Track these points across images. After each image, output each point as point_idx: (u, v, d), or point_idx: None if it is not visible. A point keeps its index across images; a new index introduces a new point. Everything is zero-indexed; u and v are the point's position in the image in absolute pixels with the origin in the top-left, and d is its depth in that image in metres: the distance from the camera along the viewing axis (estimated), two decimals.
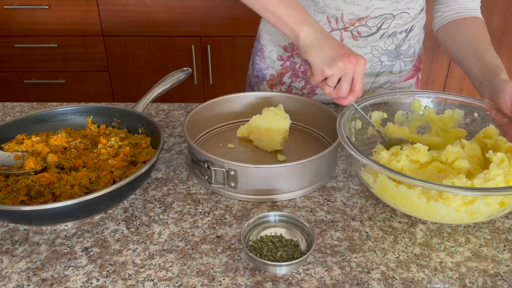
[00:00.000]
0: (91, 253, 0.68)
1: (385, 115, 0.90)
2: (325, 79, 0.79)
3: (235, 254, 0.68)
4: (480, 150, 0.81)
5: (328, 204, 0.79)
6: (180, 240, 0.71)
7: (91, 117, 0.92)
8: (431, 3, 1.06)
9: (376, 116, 0.89)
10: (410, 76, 1.15)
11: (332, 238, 0.71)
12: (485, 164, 0.78)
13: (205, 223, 0.74)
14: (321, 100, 1.14)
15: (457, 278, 0.65)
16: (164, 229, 0.73)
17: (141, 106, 0.93)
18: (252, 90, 1.22)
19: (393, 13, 0.99)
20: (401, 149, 0.79)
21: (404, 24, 1.03)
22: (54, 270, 0.65)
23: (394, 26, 1.02)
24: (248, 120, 0.95)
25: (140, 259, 0.67)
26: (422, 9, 1.07)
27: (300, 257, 0.65)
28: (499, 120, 0.83)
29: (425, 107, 0.90)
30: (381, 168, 0.67)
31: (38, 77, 2.30)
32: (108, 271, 0.65)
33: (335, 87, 0.79)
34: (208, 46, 2.22)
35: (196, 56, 2.25)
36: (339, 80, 0.78)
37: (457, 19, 1.01)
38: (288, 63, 1.12)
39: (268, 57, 1.14)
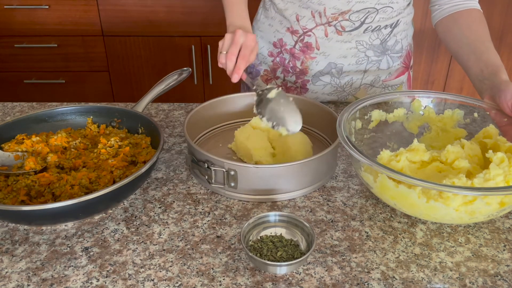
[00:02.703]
0: (91, 253, 0.68)
1: (385, 115, 0.90)
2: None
3: (235, 254, 0.68)
4: (480, 150, 0.81)
5: (328, 204, 0.79)
6: (180, 240, 0.71)
7: (91, 117, 0.92)
8: (427, 0, 1.05)
9: (376, 115, 0.89)
10: (401, 73, 1.15)
11: (332, 238, 0.71)
12: (485, 164, 0.78)
13: (205, 223, 0.74)
14: (317, 97, 1.15)
15: (457, 278, 0.65)
16: (164, 229, 0.73)
17: (141, 106, 0.93)
18: (247, 87, 1.22)
19: (376, 7, 1.00)
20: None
21: (388, 19, 1.03)
22: (54, 270, 0.65)
23: (378, 20, 1.02)
24: (248, 120, 0.95)
25: (140, 259, 0.67)
26: (408, 4, 1.07)
27: (300, 257, 0.64)
28: (499, 120, 0.83)
29: (425, 107, 0.90)
30: (381, 168, 0.67)
31: (38, 77, 2.30)
32: (108, 271, 0.65)
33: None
34: (208, 46, 2.22)
35: (196, 56, 2.25)
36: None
37: (454, 12, 1.00)
38: (278, 59, 1.13)
39: (260, 53, 1.16)
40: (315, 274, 0.65)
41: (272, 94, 0.87)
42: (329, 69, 1.09)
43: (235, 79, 0.86)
